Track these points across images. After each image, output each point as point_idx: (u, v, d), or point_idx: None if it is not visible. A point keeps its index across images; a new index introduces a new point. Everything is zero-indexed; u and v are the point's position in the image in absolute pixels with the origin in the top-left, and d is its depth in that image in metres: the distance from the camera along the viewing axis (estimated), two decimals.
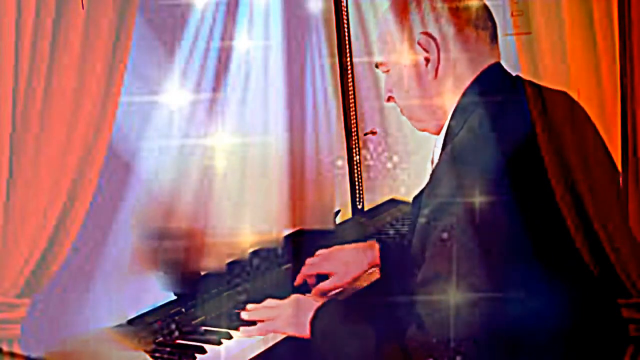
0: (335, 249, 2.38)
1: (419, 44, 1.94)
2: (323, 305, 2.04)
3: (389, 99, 2.07)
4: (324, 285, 2.30)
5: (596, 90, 2.31)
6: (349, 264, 2.32)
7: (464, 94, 1.93)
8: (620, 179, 2.05)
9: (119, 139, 2.09)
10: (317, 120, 2.91)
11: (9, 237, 1.78)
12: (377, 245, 2.35)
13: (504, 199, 1.77)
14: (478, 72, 1.93)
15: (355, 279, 2.35)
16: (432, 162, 1.98)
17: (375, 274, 2.47)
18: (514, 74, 1.99)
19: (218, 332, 2.17)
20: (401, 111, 2.07)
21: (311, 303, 2.06)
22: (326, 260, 2.35)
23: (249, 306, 2.18)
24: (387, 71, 2.04)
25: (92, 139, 1.88)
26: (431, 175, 1.89)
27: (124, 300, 2.12)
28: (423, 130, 2.06)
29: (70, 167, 1.85)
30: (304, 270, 2.38)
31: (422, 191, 1.92)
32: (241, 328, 2.14)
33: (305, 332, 2.01)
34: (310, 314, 2.01)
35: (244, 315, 2.15)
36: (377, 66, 2.07)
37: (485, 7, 1.97)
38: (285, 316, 2.08)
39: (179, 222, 2.33)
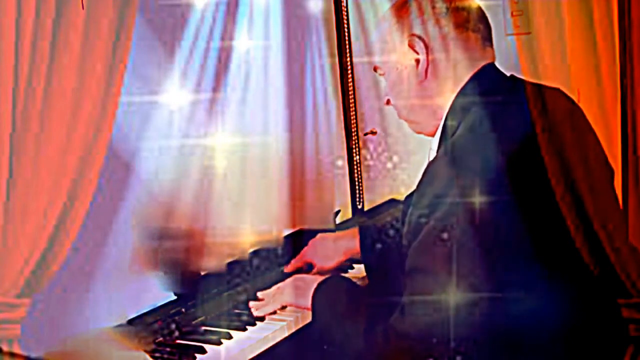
0: (321, 237, 2.55)
1: (408, 45, 1.96)
2: (325, 279, 2.18)
3: (387, 102, 2.10)
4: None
5: (596, 90, 2.31)
6: (327, 257, 2.50)
7: (458, 95, 1.94)
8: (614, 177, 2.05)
9: (119, 139, 2.09)
10: (317, 120, 2.91)
11: (9, 237, 1.78)
12: (357, 235, 2.48)
13: (504, 199, 1.77)
14: (472, 73, 1.95)
15: (335, 268, 2.51)
16: None
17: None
18: (508, 74, 1.99)
19: (218, 332, 2.17)
20: (398, 114, 2.09)
21: (314, 278, 2.24)
22: (311, 250, 2.54)
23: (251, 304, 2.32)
24: (383, 74, 2.06)
25: (92, 139, 1.88)
26: (424, 173, 1.90)
27: (124, 300, 2.12)
28: (419, 133, 2.09)
29: (70, 167, 1.85)
30: (294, 261, 2.56)
31: (414, 190, 1.93)
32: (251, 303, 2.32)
33: (308, 304, 2.15)
34: (314, 286, 2.15)
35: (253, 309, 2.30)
36: (375, 70, 2.10)
37: (478, 10, 1.99)
38: (289, 290, 2.27)
39: (179, 222, 2.33)
